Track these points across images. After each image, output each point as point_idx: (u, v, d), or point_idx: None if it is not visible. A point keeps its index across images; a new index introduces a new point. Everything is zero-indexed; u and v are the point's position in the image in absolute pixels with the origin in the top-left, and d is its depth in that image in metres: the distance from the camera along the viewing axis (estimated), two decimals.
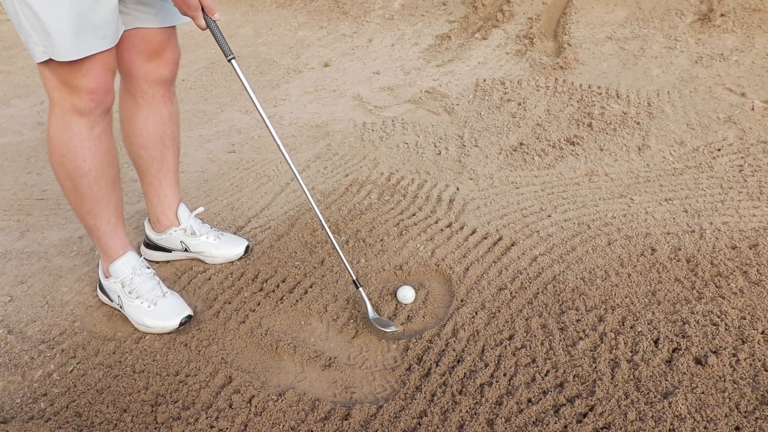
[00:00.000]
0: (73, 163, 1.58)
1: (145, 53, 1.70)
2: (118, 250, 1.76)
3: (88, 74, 1.48)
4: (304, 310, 1.79)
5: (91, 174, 1.61)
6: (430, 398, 1.45)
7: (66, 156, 1.57)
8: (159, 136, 1.86)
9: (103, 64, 1.50)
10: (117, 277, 1.75)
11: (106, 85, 1.53)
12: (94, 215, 1.68)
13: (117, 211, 1.73)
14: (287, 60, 4.52)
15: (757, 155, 2.48)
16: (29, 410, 1.50)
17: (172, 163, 1.93)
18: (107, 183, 1.66)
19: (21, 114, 3.73)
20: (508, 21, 4.54)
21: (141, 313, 1.72)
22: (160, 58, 1.74)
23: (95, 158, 1.60)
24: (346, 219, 2.25)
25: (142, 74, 1.75)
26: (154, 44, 1.71)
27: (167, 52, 1.75)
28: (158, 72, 1.76)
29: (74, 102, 1.51)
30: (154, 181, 1.93)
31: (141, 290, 1.74)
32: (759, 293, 1.70)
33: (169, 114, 1.86)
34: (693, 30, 3.96)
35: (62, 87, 1.49)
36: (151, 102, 1.81)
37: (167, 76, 1.79)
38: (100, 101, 1.54)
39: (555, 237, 2.05)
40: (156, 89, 1.79)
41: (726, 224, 2.04)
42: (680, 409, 1.35)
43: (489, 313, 1.72)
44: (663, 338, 1.56)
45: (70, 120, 1.53)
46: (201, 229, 2.02)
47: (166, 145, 1.89)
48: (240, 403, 1.47)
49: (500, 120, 3.06)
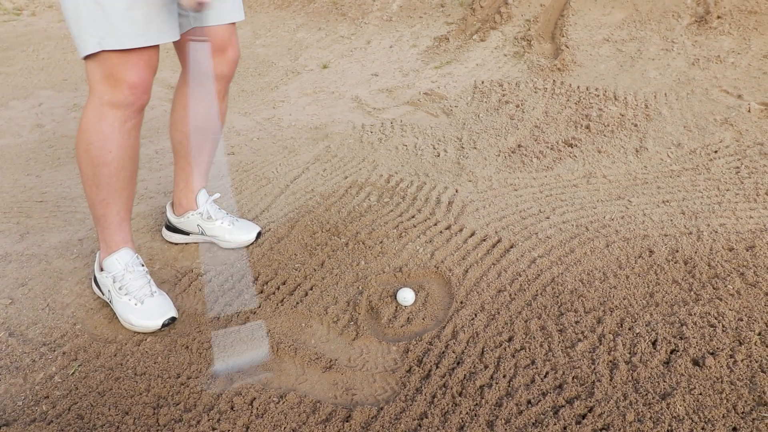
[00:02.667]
0: (99, 152, 1.66)
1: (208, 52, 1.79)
2: (119, 244, 1.81)
3: (134, 68, 1.56)
4: (304, 312, 1.80)
5: (113, 165, 1.69)
6: (430, 400, 1.46)
7: (93, 144, 1.65)
8: (204, 129, 1.96)
9: (148, 61, 1.59)
10: (109, 271, 1.79)
11: (146, 83, 1.62)
12: (106, 205, 1.75)
13: (127, 205, 1.80)
14: (286, 61, 4.53)
15: (754, 157, 2.50)
16: (31, 413, 1.50)
17: (207, 154, 2.05)
18: (126, 176, 1.74)
19: (20, 116, 3.73)
20: (506, 23, 4.56)
21: (128, 310, 1.75)
22: (222, 55, 1.84)
23: (120, 150, 1.68)
24: (346, 221, 2.26)
25: (205, 71, 1.83)
26: (218, 41, 1.81)
27: (229, 51, 1.85)
28: (219, 68, 1.85)
29: (114, 94, 1.59)
30: (186, 167, 2.04)
31: (130, 287, 1.76)
32: (756, 295, 1.72)
33: (219, 110, 1.97)
34: (690, 32, 3.99)
35: (105, 80, 1.57)
36: (206, 97, 1.90)
37: (227, 74, 1.89)
38: (138, 97, 1.62)
39: (553, 239, 2.06)
40: (214, 86, 1.88)
41: (723, 226, 2.06)
42: (678, 411, 1.36)
43: (488, 314, 1.73)
44: (661, 340, 1.58)
45: (106, 111, 1.62)
46: (217, 214, 2.11)
47: (207, 138, 2.00)
48: (241, 405, 1.48)
49: (498, 122, 3.07)
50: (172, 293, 1.92)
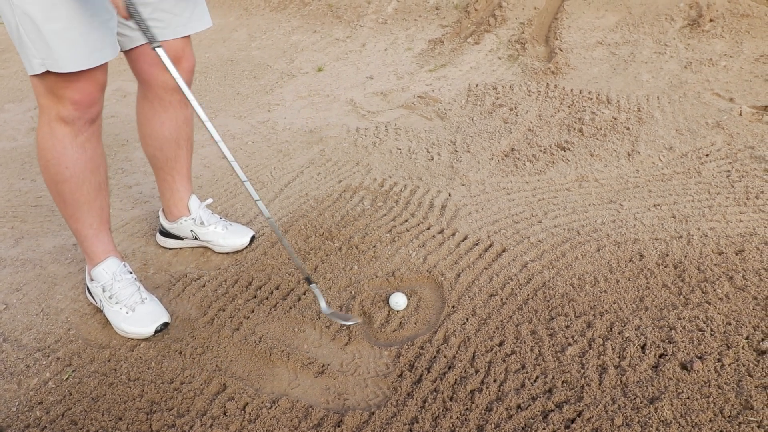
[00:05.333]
0: (56, 168, 1.64)
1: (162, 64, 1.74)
2: (101, 255, 1.80)
3: (74, 86, 1.52)
4: (297, 317, 1.81)
5: (72, 181, 1.66)
6: (421, 405, 1.48)
7: (50, 161, 1.63)
8: (174, 138, 1.95)
9: (91, 78, 1.54)
10: (98, 281, 1.80)
11: (91, 97, 1.58)
12: (75, 219, 1.74)
13: (101, 217, 1.78)
14: (281, 64, 4.54)
15: (745, 161, 2.52)
16: (25, 418, 1.51)
17: (185, 160, 2.04)
18: (90, 190, 1.71)
19: (15, 119, 3.73)
20: (501, 26, 4.58)
21: (119, 318, 1.76)
22: (177, 68, 1.79)
23: (76, 166, 1.65)
24: (339, 225, 2.27)
25: (160, 83, 1.82)
26: (170, 54, 1.75)
27: (183, 62, 1.82)
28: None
29: (59, 110, 1.56)
30: (167, 178, 2.04)
31: (120, 296, 1.77)
32: (744, 299, 1.74)
33: (184, 117, 1.95)
34: (682, 35, 4.01)
35: (49, 95, 1.54)
36: (167, 107, 1.89)
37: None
38: (84, 111, 1.59)
39: (545, 243, 2.08)
40: (173, 96, 1.87)
41: (713, 230, 2.08)
42: (666, 415, 1.38)
43: (480, 319, 1.75)
44: (650, 344, 1.59)
45: (55, 127, 1.59)
46: (210, 219, 2.12)
47: (180, 146, 1.98)
48: (234, 410, 1.49)
49: (492, 125, 3.09)
50: (166, 298, 1.93)
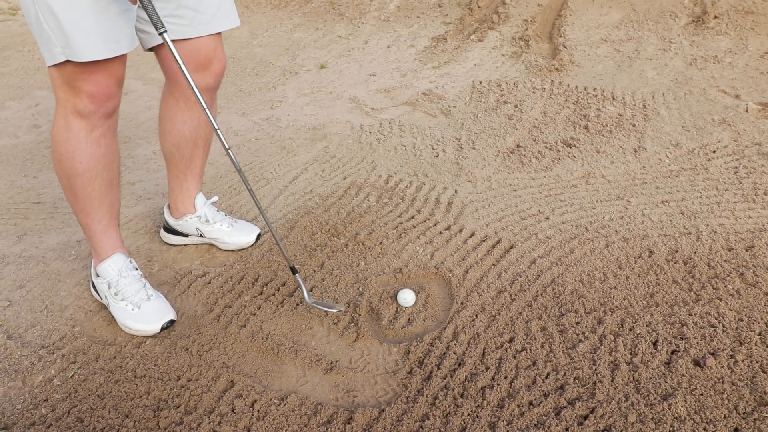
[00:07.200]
0: (69, 162, 1.63)
1: (193, 64, 1.70)
2: (108, 251, 1.78)
3: (91, 78, 1.50)
4: (304, 313, 1.80)
5: (85, 175, 1.65)
6: (432, 401, 1.46)
7: (64, 155, 1.62)
8: (193, 138, 1.93)
9: (108, 71, 1.52)
10: (104, 278, 1.78)
11: (108, 91, 1.55)
12: (86, 214, 1.72)
13: (111, 212, 1.77)
14: (283, 61, 4.52)
15: (752, 157, 2.51)
16: (30, 416, 1.49)
17: (200, 160, 2.02)
18: (102, 185, 1.69)
19: (16, 116, 3.71)
20: (504, 23, 4.56)
21: (125, 315, 1.74)
22: (207, 70, 1.77)
23: (90, 160, 1.63)
24: (345, 222, 2.25)
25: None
26: (201, 56, 1.73)
27: (215, 63, 1.78)
28: (204, 82, 1.78)
29: (75, 103, 1.54)
30: (179, 174, 2.02)
31: (126, 292, 1.75)
32: (755, 295, 1.72)
33: (206, 119, 1.89)
34: (687, 32, 3.99)
35: (66, 87, 1.53)
36: (192, 107, 1.86)
37: (212, 85, 1.83)
38: (100, 105, 1.56)
39: (553, 239, 2.06)
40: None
41: (722, 226, 2.06)
42: (680, 411, 1.36)
43: (489, 315, 1.73)
44: (662, 340, 1.58)
45: (72, 120, 1.58)
46: (215, 217, 2.09)
47: (197, 146, 1.96)
48: (242, 407, 1.47)
49: (497, 122, 3.07)
50: (171, 295, 1.91)
